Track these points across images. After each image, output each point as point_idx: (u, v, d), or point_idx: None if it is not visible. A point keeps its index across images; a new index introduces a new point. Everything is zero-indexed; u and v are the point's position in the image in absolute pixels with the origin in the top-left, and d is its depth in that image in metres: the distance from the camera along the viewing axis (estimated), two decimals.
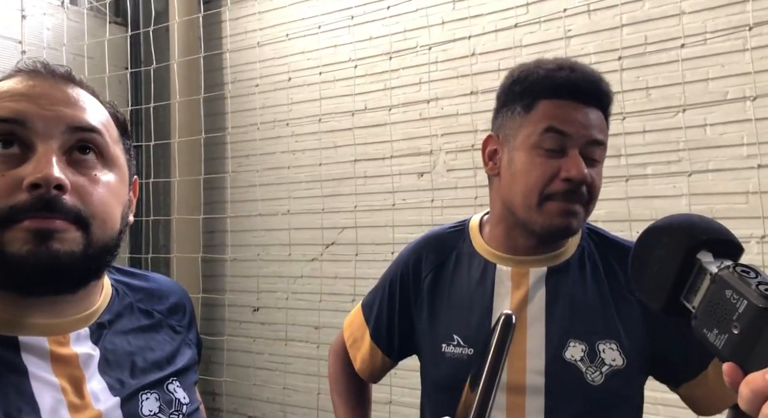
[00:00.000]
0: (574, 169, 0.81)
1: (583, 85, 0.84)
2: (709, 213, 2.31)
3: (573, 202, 0.83)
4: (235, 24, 3.50)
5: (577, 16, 2.58)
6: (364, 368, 1.05)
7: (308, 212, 3.10)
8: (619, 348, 0.84)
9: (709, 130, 2.34)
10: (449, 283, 0.94)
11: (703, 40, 2.33)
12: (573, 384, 0.83)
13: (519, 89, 0.87)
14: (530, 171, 0.83)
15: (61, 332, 0.60)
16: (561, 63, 0.87)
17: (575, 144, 0.82)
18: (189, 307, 0.78)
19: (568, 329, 0.85)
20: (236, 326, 3.46)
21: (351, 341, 1.06)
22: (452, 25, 2.85)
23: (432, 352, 0.92)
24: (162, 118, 3.49)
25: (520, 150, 0.85)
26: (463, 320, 0.90)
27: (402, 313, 0.99)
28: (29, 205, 0.53)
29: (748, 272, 0.41)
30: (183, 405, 0.67)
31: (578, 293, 0.87)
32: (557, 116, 0.83)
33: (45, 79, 0.59)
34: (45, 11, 3.26)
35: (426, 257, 0.98)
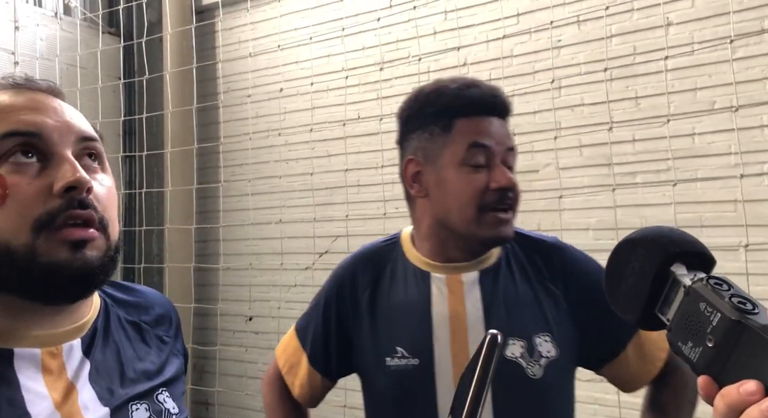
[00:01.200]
0: (503, 178, 0.87)
1: (491, 99, 0.91)
2: (698, 221, 2.34)
3: (506, 210, 0.88)
4: (228, 34, 3.52)
5: (566, 27, 2.61)
6: (304, 393, 1.03)
7: (301, 220, 3.10)
8: (552, 340, 0.89)
9: (698, 140, 2.37)
10: (387, 297, 0.95)
11: (690, 50, 2.37)
12: (516, 380, 0.87)
13: (431, 110, 0.91)
14: (462, 187, 0.88)
15: (54, 343, 0.60)
16: (463, 81, 0.93)
17: (497, 154, 0.88)
18: (175, 318, 0.79)
19: (506, 327, 0.88)
20: (229, 336, 3.45)
21: (287, 368, 1.04)
22: (443, 35, 2.88)
23: (376, 366, 0.93)
24: (155, 128, 3.50)
25: (448, 169, 0.89)
26: (405, 331, 0.92)
27: (339, 332, 0.99)
28: (66, 205, 0.56)
29: (721, 284, 0.42)
30: (173, 415, 0.67)
31: (511, 292, 0.92)
32: (477, 132, 0.88)
33: (37, 92, 0.61)
34: (38, 22, 3.27)
35: (362, 272, 0.99)
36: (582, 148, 2.57)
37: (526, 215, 2.68)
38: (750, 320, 0.38)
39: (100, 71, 3.21)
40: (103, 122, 3.10)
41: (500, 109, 0.91)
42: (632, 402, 1.02)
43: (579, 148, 2.58)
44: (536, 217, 2.64)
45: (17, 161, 0.56)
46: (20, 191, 0.55)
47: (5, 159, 0.56)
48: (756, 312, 0.39)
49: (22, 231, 0.54)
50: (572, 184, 2.55)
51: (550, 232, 2.57)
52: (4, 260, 0.55)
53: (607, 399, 2.32)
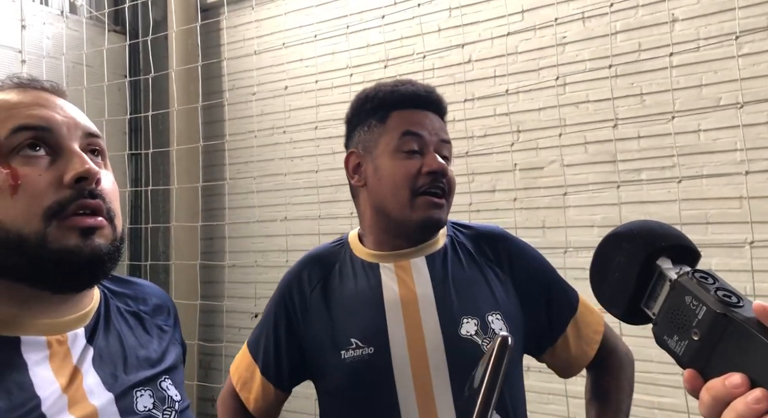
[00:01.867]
0: (435, 163, 0.92)
1: (424, 95, 0.98)
2: (703, 218, 2.33)
3: (439, 195, 0.93)
4: (233, 32, 3.53)
5: (571, 23, 2.60)
6: (259, 407, 1.02)
7: (306, 218, 3.11)
8: (502, 318, 0.93)
9: (703, 136, 2.36)
10: (338, 291, 0.97)
11: (696, 46, 2.36)
12: (472, 358, 0.86)
13: (370, 106, 0.99)
14: (396, 172, 0.93)
15: (59, 331, 0.62)
16: (400, 80, 1.01)
17: (429, 143, 0.94)
18: (172, 308, 0.81)
19: (458, 307, 0.92)
20: (235, 332, 3.47)
21: (241, 384, 1.03)
22: (448, 32, 2.88)
23: (332, 361, 0.93)
24: (161, 126, 3.52)
25: (383, 156, 0.95)
26: (358, 322, 0.93)
27: (289, 338, 0.98)
28: (76, 195, 0.58)
29: (707, 277, 0.42)
30: (175, 402, 0.69)
31: (459, 274, 0.96)
32: (410, 122, 0.95)
33: (41, 91, 0.63)
34: (45, 21, 3.29)
35: (309, 274, 1.00)
36: (587, 145, 2.57)
37: (530, 211, 2.68)
38: (735, 313, 0.38)
39: (106, 69, 3.22)
40: (109, 120, 3.11)
41: (433, 104, 0.98)
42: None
43: (584, 145, 2.57)
44: (541, 214, 2.64)
45: (28, 154, 0.58)
46: (31, 182, 0.57)
47: (16, 152, 0.58)
48: (741, 305, 0.39)
49: (33, 219, 0.56)
50: (577, 181, 2.55)
51: (555, 229, 2.57)
52: (16, 248, 0.56)
53: None
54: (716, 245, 2.28)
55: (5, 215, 0.57)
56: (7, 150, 0.58)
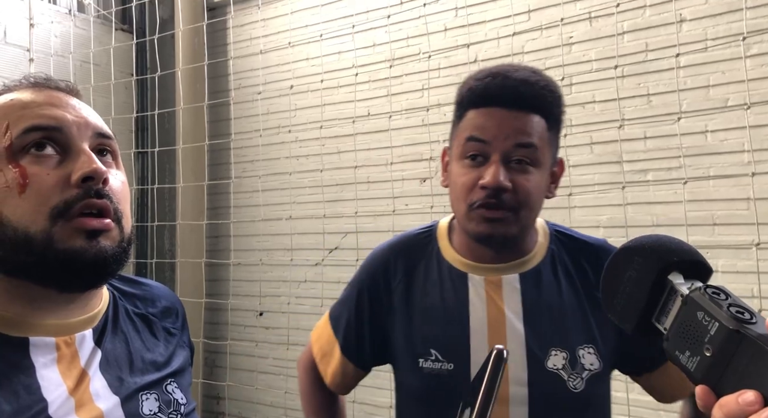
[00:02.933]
0: (489, 176, 0.81)
1: (502, 90, 0.84)
2: (710, 219, 2.32)
3: (494, 208, 0.83)
4: (239, 31, 3.54)
5: (577, 23, 2.60)
6: (336, 382, 1.02)
7: (311, 217, 3.12)
8: (596, 352, 0.86)
9: (710, 137, 2.35)
10: (421, 294, 0.92)
11: (703, 47, 2.35)
12: (556, 393, 0.84)
13: (456, 102, 0.91)
14: (457, 181, 0.86)
15: (67, 333, 0.62)
16: (492, 70, 0.87)
17: (495, 150, 0.83)
18: (181, 310, 0.81)
19: (548, 338, 0.85)
20: (240, 330, 3.48)
21: (320, 356, 1.03)
22: (454, 32, 2.87)
23: (409, 365, 0.91)
24: (167, 125, 3.53)
25: (453, 160, 0.89)
26: (440, 333, 0.89)
27: (372, 323, 0.96)
28: (83, 194, 0.58)
29: (719, 293, 0.41)
30: (181, 405, 0.69)
31: (554, 300, 0.87)
32: (477, 125, 0.84)
33: (56, 90, 0.64)
34: (53, 19, 3.30)
35: (395, 263, 0.96)
36: (593, 146, 2.56)
37: None
38: (748, 329, 0.38)
39: (113, 68, 3.24)
40: (115, 119, 3.13)
41: (514, 101, 0.83)
42: (642, 400, 1.01)
43: (590, 145, 2.57)
44: (545, 214, 2.61)
45: (38, 153, 0.59)
46: (39, 181, 0.58)
47: (26, 151, 0.58)
48: (754, 322, 0.39)
49: (39, 218, 0.57)
50: (583, 182, 2.54)
51: None
52: (23, 246, 0.57)
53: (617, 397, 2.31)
54: (723, 247, 2.27)
55: (13, 213, 0.57)
56: (17, 149, 0.58)
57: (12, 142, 0.58)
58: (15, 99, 0.61)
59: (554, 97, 0.87)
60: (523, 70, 0.87)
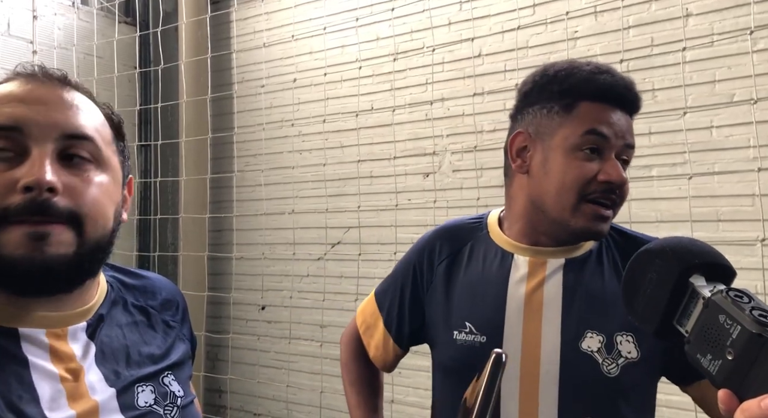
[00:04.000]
0: (615, 172, 0.83)
1: (623, 90, 0.86)
2: (714, 215, 2.31)
3: (607, 206, 0.84)
4: (242, 24, 3.53)
5: (583, 18, 2.58)
6: (378, 354, 1.05)
7: (313, 211, 3.11)
8: (635, 341, 0.84)
9: (716, 133, 2.33)
10: (463, 271, 0.94)
11: (710, 42, 2.33)
12: (589, 375, 0.83)
13: (558, 89, 0.87)
14: (568, 172, 0.84)
15: (59, 325, 0.62)
16: (598, 66, 0.88)
17: (613, 147, 0.84)
18: (182, 303, 0.80)
19: (585, 320, 0.85)
20: (242, 324, 3.49)
21: (364, 328, 1.07)
22: (458, 26, 2.86)
23: (444, 338, 0.92)
24: (170, 118, 3.52)
25: (558, 150, 0.86)
26: (477, 307, 0.90)
27: (413, 302, 0.99)
28: (22, 207, 0.55)
29: (742, 296, 0.41)
30: (178, 398, 0.68)
31: (596, 285, 0.87)
32: (599, 119, 0.84)
33: (42, 83, 0.61)
34: (56, 11, 3.30)
35: (441, 245, 0.98)
36: None
37: None
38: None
39: (116, 61, 3.23)
40: (118, 111, 3.11)
41: (629, 103, 0.86)
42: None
43: None
44: None
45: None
46: None
47: None
48: None
49: None
50: None
51: None
52: None
53: None
54: (727, 243, 2.25)
55: None
56: None
57: None
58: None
59: None
60: (616, 71, 0.89)
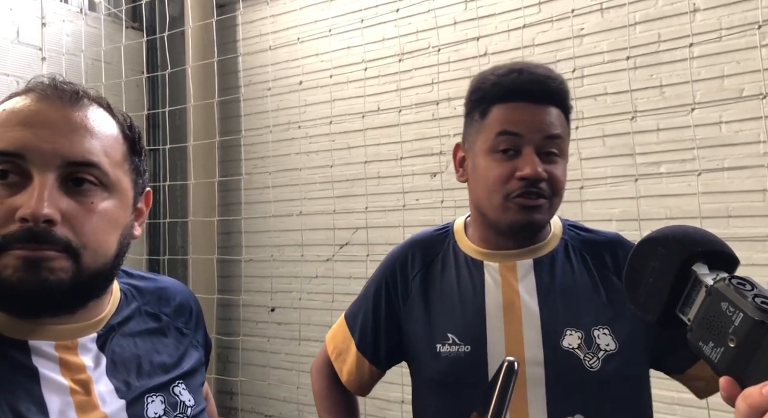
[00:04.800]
0: (528, 167, 0.84)
1: (531, 86, 0.87)
2: (724, 212, 2.29)
3: (532, 198, 0.86)
4: (248, 27, 3.54)
5: (589, 15, 2.57)
6: (352, 380, 1.03)
7: (321, 213, 3.12)
8: (611, 333, 0.86)
9: (725, 128, 2.32)
10: (438, 282, 0.95)
11: (718, 36, 2.31)
12: (573, 372, 0.84)
13: (475, 98, 0.92)
14: (489, 174, 0.88)
15: (69, 337, 0.62)
16: (512, 67, 0.91)
17: (528, 142, 0.86)
18: (195, 308, 0.80)
19: (563, 318, 0.87)
20: (252, 326, 3.50)
21: (336, 354, 1.04)
22: (464, 25, 2.85)
23: (427, 352, 0.92)
24: (178, 122, 3.55)
25: (480, 155, 0.90)
26: (457, 318, 0.91)
27: (389, 319, 0.98)
28: (18, 236, 0.55)
29: (744, 284, 0.41)
30: (188, 407, 0.68)
31: (568, 282, 0.89)
32: (508, 119, 0.87)
33: (51, 103, 0.60)
34: (64, 18, 3.33)
35: (412, 257, 0.98)
36: (605, 138, 2.54)
37: None
38: None
39: (123, 66, 3.25)
40: None
41: (541, 96, 0.88)
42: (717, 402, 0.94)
43: (602, 138, 2.54)
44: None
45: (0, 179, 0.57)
46: None
47: None
48: None
49: None
50: (594, 175, 2.52)
51: None
52: None
53: None
54: (738, 239, 2.24)
55: None
56: None
57: None
58: (5, 111, 0.59)
59: (567, 91, 0.92)
60: (539, 66, 0.92)
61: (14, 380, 0.57)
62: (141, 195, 0.69)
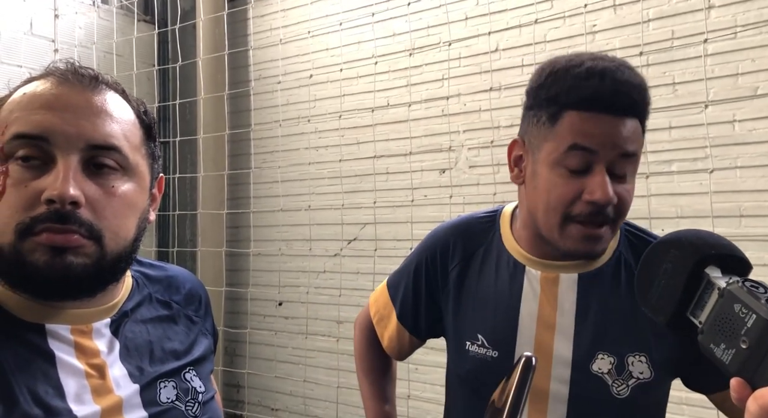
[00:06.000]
0: (599, 191, 0.75)
1: (614, 95, 0.76)
2: (737, 211, 2.27)
3: (597, 226, 0.78)
4: (259, 21, 3.54)
5: (602, 11, 2.54)
6: (392, 346, 1.03)
7: (330, 207, 3.12)
8: (648, 361, 0.81)
9: (738, 127, 2.29)
10: (476, 278, 0.92)
11: (732, 34, 2.28)
12: (598, 396, 0.82)
13: (544, 96, 0.81)
14: (551, 190, 0.78)
15: (84, 322, 0.63)
16: (592, 67, 0.78)
17: (602, 160, 0.76)
18: (204, 296, 0.81)
19: (597, 340, 0.82)
20: (260, 320, 3.52)
21: (378, 318, 1.05)
22: (475, 20, 2.84)
23: (456, 346, 0.92)
24: (188, 115, 3.56)
25: (544, 164, 0.80)
26: (489, 320, 0.88)
27: (428, 298, 0.98)
28: (45, 217, 0.56)
29: (758, 286, 0.41)
30: (199, 394, 0.69)
31: (610, 303, 0.83)
32: (583, 131, 0.76)
33: (72, 87, 0.60)
34: (77, 10, 3.34)
35: (454, 245, 0.94)
36: None
37: None
38: None
39: (135, 58, 3.27)
40: None
41: (623, 107, 0.76)
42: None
43: None
44: None
45: (21, 163, 0.57)
46: (13, 193, 0.57)
47: (16, 158, 0.57)
48: None
49: (7, 232, 0.56)
50: None
51: None
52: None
53: None
54: (750, 239, 2.21)
55: None
56: (8, 153, 0.58)
57: (3, 145, 0.57)
58: (26, 94, 0.60)
59: (650, 100, 0.81)
60: (621, 67, 0.79)
61: (32, 363, 0.57)
62: (155, 180, 0.70)
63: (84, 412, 0.58)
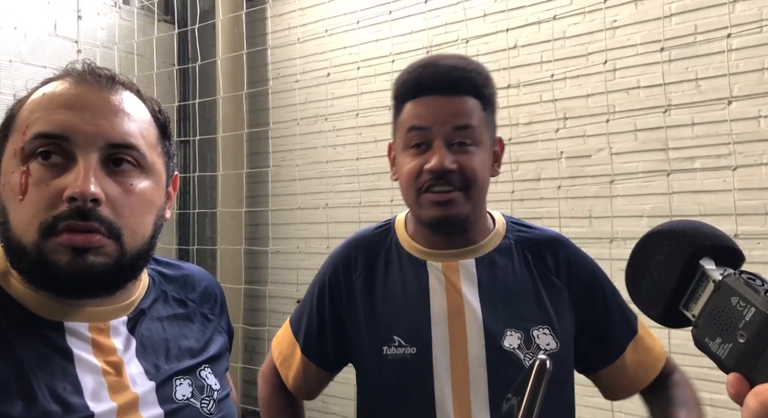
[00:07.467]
0: (434, 159, 0.85)
1: (434, 79, 0.87)
2: (762, 208, 2.22)
3: (443, 191, 0.86)
4: (277, 20, 3.56)
5: (622, 6, 2.51)
6: (298, 385, 1.01)
7: (347, 205, 3.13)
8: (552, 332, 0.88)
9: (763, 123, 2.24)
10: (383, 282, 0.94)
11: (758, 28, 2.23)
12: (513, 371, 0.84)
13: (393, 96, 0.93)
14: (403, 171, 0.89)
15: (102, 320, 0.63)
16: (420, 62, 0.91)
17: (437, 135, 0.86)
18: (219, 294, 0.81)
19: (503, 318, 0.88)
20: (278, 317, 3.54)
21: (281, 360, 1.03)
22: (493, 17, 2.82)
23: (372, 355, 0.91)
24: (208, 114, 3.60)
25: (399, 152, 0.91)
26: (402, 319, 0.90)
27: (333, 320, 0.97)
28: (67, 215, 0.57)
29: (755, 278, 0.39)
30: (214, 391, 0.69)
31: (509, 283, 0.90)
32: (416, 114, 0.87)
33: (90, 86, 0.61)
34: (99, 11, 3.40)
35: (355, 257, 0.97)
36: (636, 133, 2.48)
37: (576, 200, 2.62)
38: None
39: (155, 58, 3.31)
40: None
41: (445, 87, 0.87)
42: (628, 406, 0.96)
43: (634, 132, 2.49)
44: (587, 203, 2.58)
45: (42, 161, 0.58)
46: (35, 191, 0.57)
47: (36, 156, 0.58)
48: None
49: (30, 231, 0.57)
50: (626, 170, 2.47)
51: (601, 219, 2.50)
52: (18, 253, 0.58)
53: None
54: None
55: (14, 218, 0.58)
56: (29, 152, 0.58)
57: (24, 145, 0.58)
58: (46, 95, 0.60)
59: (483, 78, 0.90)
60: (450, 57, 0.92)
61: (51, 359, 0.58)
62: (170, 179, 0.70)
63: (101, 409, 0.58)
